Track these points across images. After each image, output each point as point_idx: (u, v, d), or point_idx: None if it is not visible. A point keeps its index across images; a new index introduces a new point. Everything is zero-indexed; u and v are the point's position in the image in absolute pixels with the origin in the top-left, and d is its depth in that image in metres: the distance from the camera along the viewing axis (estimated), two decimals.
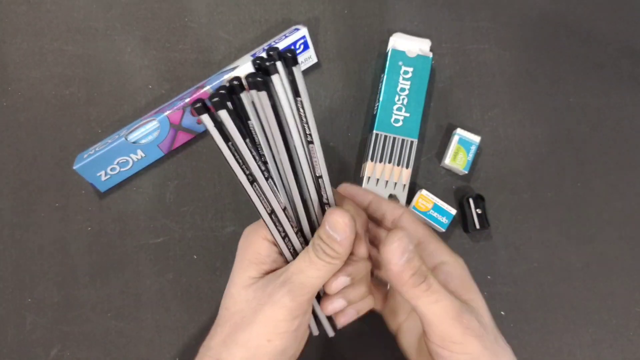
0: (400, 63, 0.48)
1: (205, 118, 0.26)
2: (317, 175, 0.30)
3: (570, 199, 0.50)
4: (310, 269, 0.30)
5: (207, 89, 0.45)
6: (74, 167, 0.44)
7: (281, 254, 0.33)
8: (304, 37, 0.46)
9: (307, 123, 0.28)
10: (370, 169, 0.47)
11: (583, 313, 0.48)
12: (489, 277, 0.49)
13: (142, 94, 0.49)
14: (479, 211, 0.48)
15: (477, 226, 0.47)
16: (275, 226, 0.31)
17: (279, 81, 0.26)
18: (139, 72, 0.49)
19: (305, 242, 0.33)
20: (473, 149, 0.48)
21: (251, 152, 0.28)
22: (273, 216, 0.31)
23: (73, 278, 0.47)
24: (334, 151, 0.49)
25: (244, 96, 0.27)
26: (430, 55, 0.49)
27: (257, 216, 0.31)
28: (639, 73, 0.52)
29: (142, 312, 0.46)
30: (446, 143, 0.50)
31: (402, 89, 0.48)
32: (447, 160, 0.48)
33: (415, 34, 0.51)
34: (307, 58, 0.48)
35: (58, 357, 0.46)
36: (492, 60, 0.52)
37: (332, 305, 0.33)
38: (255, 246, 0.33)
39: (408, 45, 0.49)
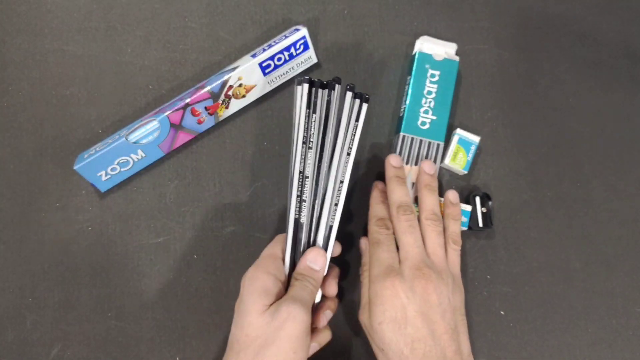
0: (427, 66, 0.48)
1: (306, 87, 0.40)
2: (341, 180, 0.41)
3: (570, 199, 0.50)
4: (305, 293, 0.38)
5: (208, 89, 0.45)
6: (75, 167, 0.44)
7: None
8: (303, 37, 0.47)
9: (352, 140, 0.41)
10: None
11: (583, 313, 0.49)
12: (488, 277, 0.49)
13: (142, 94, 0.49)
14: (484, 210, 0.48)
15: (481, 224, 0.48)
16: (298, 185, 0.41)
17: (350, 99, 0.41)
18: (140, 72, 0.49)
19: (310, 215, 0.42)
20: (473, 149, 0.48)
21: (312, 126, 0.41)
22: (301, 176, 0.41)
23: (73, 278, 0.47)
24: None
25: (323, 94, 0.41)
26: (457, 59, 0.49)
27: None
28: (638, 73, 0.53)
29: (143, 312, 0.47)
30: (446, 143, 0.50)
31: (429, 92, 0.48)
32: (447, 161, 0.48)
33: (415, 34, 0.51)
34: (307, 58, 0.49)
35: (58, 357, 0.46)
36: (491, 60, 0.52)
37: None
38: (263, 279, 0.39)
39: (435, 48, 0.49)
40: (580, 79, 0.52)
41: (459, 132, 0.48)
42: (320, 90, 0.41)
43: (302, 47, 0.47)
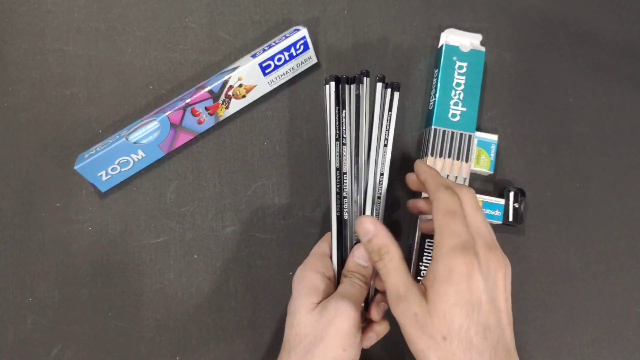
0: (455, 58, 0.48)
1: (333, 85, 0.41)
2: (381, 172, 0.42)
3: (570, 199, 0.50)
4: (354, 290, 0.38)
5: (208, 89, 0.45)
6: (75, 167, 0.44)
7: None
8: (303, 37, 0.47)
9: (388, 130, 0.42)
10: (431, 164, 0.47)
11: (582, 313, 0.49)
12: None
13: (142, 94, 0.49)
14: (516, 205, 0.48)
15: (511, 219, 0.47)
16: (337, 182, 0.41)
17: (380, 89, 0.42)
18: (140, 72, 0.50)
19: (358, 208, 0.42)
20: (493, 148, 0.48)
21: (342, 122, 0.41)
22: (338, 173, 0.41)
23: (74, 277, 0.47)
24: None
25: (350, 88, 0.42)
26: (483, 49, 0.49)
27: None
28: (638, 73, 0.53)
29: (143, 312, 0.47)
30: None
31: (458, 84, 0.48)
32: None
33: (415, 34, 0.51)
34: (307, 59, 0.49)
35: (59, 357, 0.46)
36: (491, 60, 0.52)
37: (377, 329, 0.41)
38: (311, 278, 0.39)
39: (460, 40, 0.49)
40: (580, 79, 0.52)
41: (477, 135, 0.48)
42: (347, 86, 0.41)
43: (302, 47, 0.47)
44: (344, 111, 0.41)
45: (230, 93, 0.47)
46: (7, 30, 0.50)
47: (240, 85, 0.47)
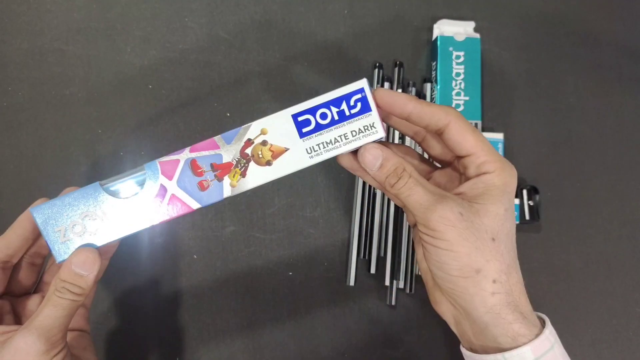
0: (451, 48, 0.48)
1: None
2: None
3: (570, 199, 0.50)
4: (57, 311, 0.30)
5: (217, 137, 0.31)
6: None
7: None
8: (361, 90, 0.44)
9: None
10: None
11: (582, 313, 0.49)
12: None
13: (142, 94, 0.49)
14: (530, 203, 0.48)
15: (527, 217, 0.47)
16: None
17: None
18: (139, 72, 0.49)
19: None
20: (500, 147, 0.48)
21: None
22: None
23: None
24: None
25: None
26: (478, 35, 0.49)
27: None
28: (639, 73, 0.53)
29: (143, 312, 0.47)
30: None
31: (458, 74, 0.48)
32: None
33: (415, 34, 0.51)
34: (368, 126, 0.47)
35: None
36: (491, 60, 0.52)
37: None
38: None
39: (454, 29, 0.49)
40: (580, 79, 0.52)
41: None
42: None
43: (359, 105, 0.32)
44: None
45: (248, 151, 0.31)
46: (7, 30, 0.49)
47: (264, 143, 0.31)
